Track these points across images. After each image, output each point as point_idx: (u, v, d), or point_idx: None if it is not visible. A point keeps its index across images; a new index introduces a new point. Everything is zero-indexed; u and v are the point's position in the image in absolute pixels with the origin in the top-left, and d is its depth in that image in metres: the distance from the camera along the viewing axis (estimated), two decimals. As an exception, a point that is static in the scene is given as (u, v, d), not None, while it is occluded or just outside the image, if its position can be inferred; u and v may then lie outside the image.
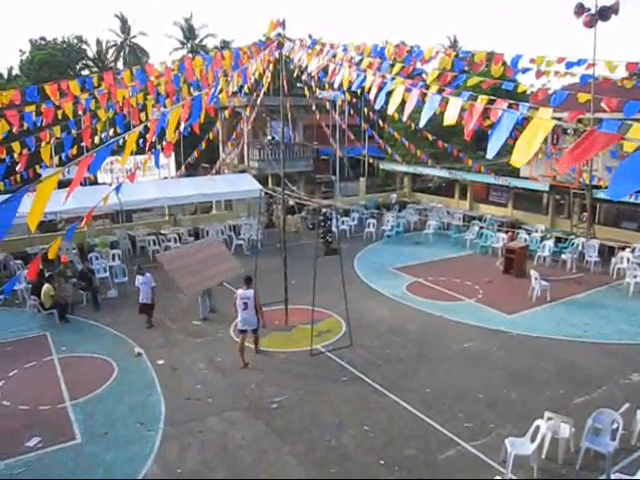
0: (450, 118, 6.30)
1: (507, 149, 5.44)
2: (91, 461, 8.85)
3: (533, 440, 8.60)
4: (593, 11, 17.59)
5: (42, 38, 44.72)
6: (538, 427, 8.70)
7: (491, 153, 5.33)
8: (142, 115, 15.80)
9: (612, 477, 7.77)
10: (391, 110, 7.76)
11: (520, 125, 5.15)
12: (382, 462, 8.81)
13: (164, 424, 9.89)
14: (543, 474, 8.47)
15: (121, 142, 7.68)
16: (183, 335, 13.97)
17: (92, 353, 12.85)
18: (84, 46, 47.34)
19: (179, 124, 10.52)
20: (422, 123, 6.64)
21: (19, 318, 15.14)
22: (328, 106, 24.46)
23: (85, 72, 45.17)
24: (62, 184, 7.00)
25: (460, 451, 9.06)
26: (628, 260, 18.31)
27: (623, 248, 19.40)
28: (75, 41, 46.36)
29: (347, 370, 11.89)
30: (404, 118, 7.36)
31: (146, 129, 7.57)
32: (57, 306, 14.89)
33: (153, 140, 8.89)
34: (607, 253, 19.72)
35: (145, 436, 9.52)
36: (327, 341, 13.29)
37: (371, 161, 30.20)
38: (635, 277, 17.01)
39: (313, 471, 8.60)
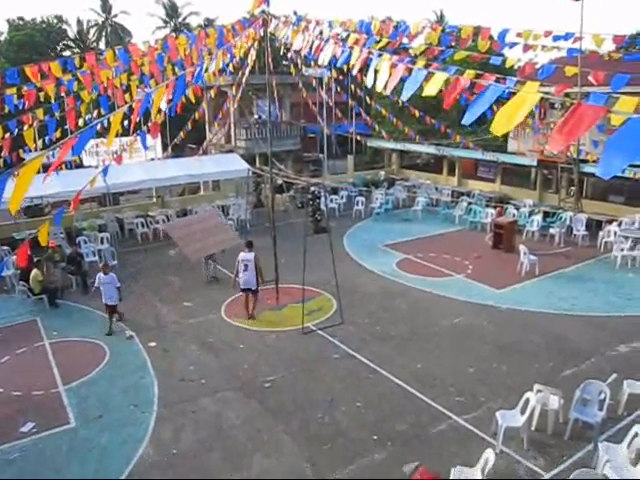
0: (430, 90, 6.27)
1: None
2: (86, 445, 8.89)
3: (523, 412, 8.74)
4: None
5: (20, 18, 43.83)
6: (528, 399, 8.83)
7: (468, 119, 5.33)
8: (126, 96, 15.57)
9: (599, 445, 7.93)
10: (379, 87, 7.69)
11: (506, 99, 5.14)
12: (375, 437, 8.93)
13: (158, 406, 9.93)
14: (533, 445, 8.63)
15: (106, 124, 7.57)
16: (174, 317, 14.00)
17: (83, 337, 12.84)
18: (64, 26, 46.43)
19: (168, 107, 10.39)
20: (404, 96, 6.59)
21: (8, 304, 15.06)
22: (315, 84, 24.22)
23: (66, 53, 44.33)
24: (46, 168, 6.91)
25: (452, 425, 9.20)
26: (615, 233, 18.45)
27: (610, 222, 19.57)
28: (55, 21, 45.45)
29: (339, 348, 11.99)
30: (387, 92, 7.29)
31: (131, 110, 7.48)
32: (46, 291, 14.81)
33: (138, 121, 8.79)
34: (595, 227, 19.85)
35: (139, 418, 9.56)
36: (318, 319, 13.38)
37: (359, 138, 30.09)
38: (622, 250, 17.18)
39: (307, 448, 8.70)
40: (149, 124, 15.24)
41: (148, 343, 12.47)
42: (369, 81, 8.11)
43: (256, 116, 31.35)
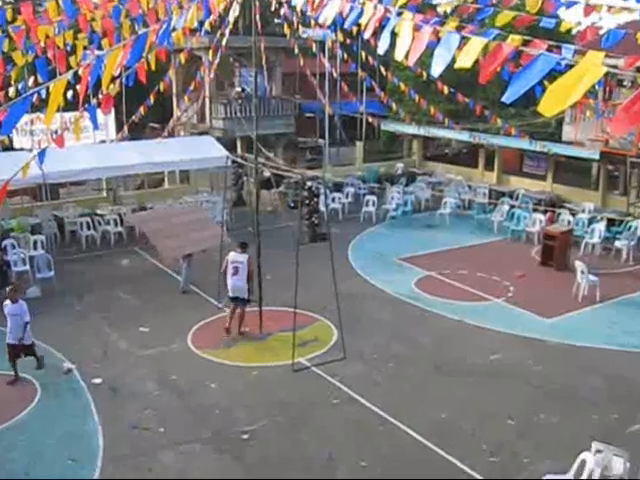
0: (464, 60, 6.26)
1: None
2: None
3: (578, 478, 8.66)
4: None
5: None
6: (584, 461, 8.76)
7: (511, 98, 5.35)
8: (72, 59, 15.59)
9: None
10: (398, 55, 7.67)
11: (560, 72, 5.15)
12: (384, 507, 8.89)
13: (102, 460, 9.86)
14: (589, 520, 8.57)
15: (44, 94, 7.59)
16: (126, 345, 13.98)
17: (6, 370, 12.60)
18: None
19: (125, 75, 10.40)
20: (435, 71, 6.58)
21: None
22: (315, 49, 24.24)
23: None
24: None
25: (484, 492, 9.17)
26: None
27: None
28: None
29: (340, 390, 11.96)
30: (410, 62, 7.27)
31: (77, 78, 7.50)
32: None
33: (86, 92, 8.80)
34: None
35: (78, 476, 9.47)
36: (314, 353, 13.37)
37: (370, 120, 30.00)
38: None
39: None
40: (100, 96, 15.25)
41: (92, 379, 12.42)
42: (381, 47, 8.10)
43: (238, 89, 31.39)
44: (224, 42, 19.72)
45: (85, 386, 12.19)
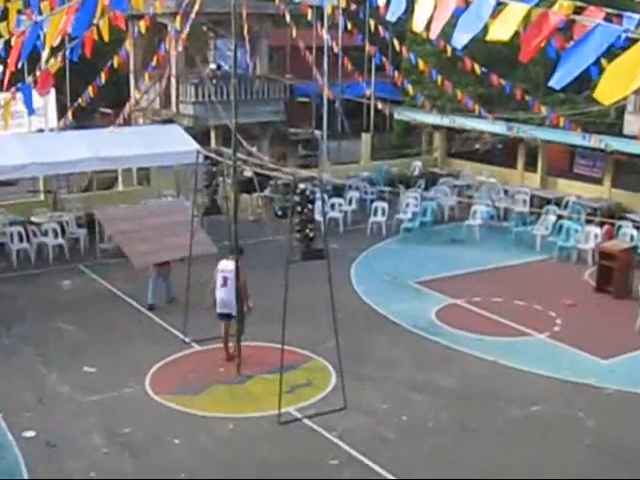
0: (500, 31, 6.26)
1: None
2: None
3: None
4: None
5: None
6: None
7: (559, 81, 5.37)
8: (1, 26, 15.63)
9: None
10: (417, 25, 7.65)
11: (621, 49, 5.18)
12: None
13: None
14: None
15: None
16: (67, 389, 13.86)
17: None
18: None
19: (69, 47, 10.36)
20: (458, 41, 6.58)
21: None
22: (311, 17, 24.29)
23: None
24: None
25: None
26: None
27: None
28: None
29: (339, 449, 11.85)
30: (432, 35, 7.26)
31: (7, 49, 7.53)
32: None
33: (19, 67, 8.84)
34: None
35: None
36: (306, 401, 13.29)
37: (380, 107, 30.00)
38: None
39: None
40: (37, 73, 15.28)
41: (23, 432, 12.29)
42: (394, 13, 8.07)
43: (213, 66, 31.51)
44: (196, 6, 19.75)
45: (13, 440, 12.03)
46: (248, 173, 18.74)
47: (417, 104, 27.29)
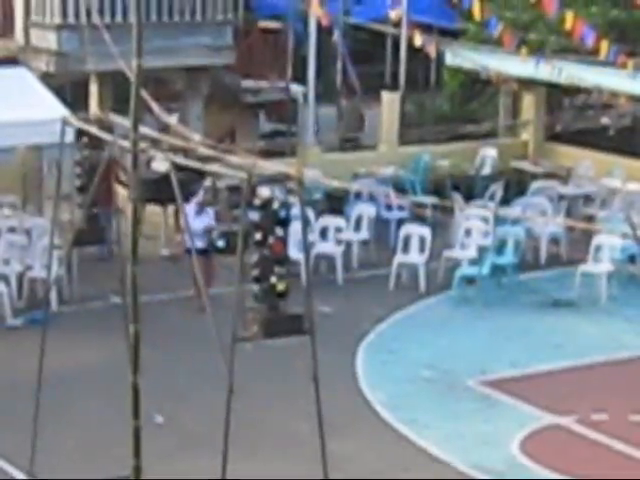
0: None
1: None
2: None
3: None
4: None
5: None
6: None
7: None
8: None
9: None
10: None
11: None
12: None
13: None
14: None
15: None
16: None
17: None
18: None
19: None
20: None
21: None
22: None
23: None
24: None
25: None
26: None
27: None
28: None
29: None
30: None
31: None
32: None
33: None
34: None
35: None
36: None
37: (420, 41, 22.49)
38: None
39: None
40: None
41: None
42: None
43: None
44: None
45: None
46: (162, 165, 14.76)
47: (490, 37, 20.86)
